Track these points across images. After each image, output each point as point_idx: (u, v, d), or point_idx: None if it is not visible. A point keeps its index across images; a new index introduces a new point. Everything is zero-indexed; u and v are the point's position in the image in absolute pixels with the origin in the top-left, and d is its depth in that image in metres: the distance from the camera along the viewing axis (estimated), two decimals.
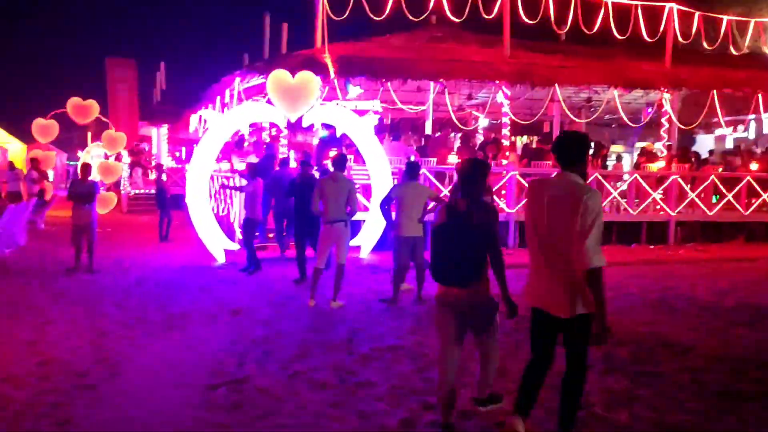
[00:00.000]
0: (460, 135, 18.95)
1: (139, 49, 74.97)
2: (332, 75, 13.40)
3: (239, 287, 9.49)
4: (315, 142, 14.74)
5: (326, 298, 8.45)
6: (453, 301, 4.20)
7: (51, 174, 39.67)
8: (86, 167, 11.02)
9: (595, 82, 15.18)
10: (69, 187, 11.17)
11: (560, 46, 18.49)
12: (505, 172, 14.35)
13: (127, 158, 25.05)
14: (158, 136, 29.30)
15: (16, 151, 24.08)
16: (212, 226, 11.66)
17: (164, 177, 16.57)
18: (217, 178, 15.19)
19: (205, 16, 78.82)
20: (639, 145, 22.38)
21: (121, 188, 23.65)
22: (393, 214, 8.62)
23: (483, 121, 19.40)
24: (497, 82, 14.66)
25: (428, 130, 18.82)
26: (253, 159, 14.50)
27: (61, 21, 78.40)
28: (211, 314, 7.74)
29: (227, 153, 16.79)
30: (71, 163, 39.96)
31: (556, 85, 14.97)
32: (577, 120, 16.16)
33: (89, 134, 26.64)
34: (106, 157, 22.27)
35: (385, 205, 8.70)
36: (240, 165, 14.68)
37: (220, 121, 11.65)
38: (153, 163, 22.15)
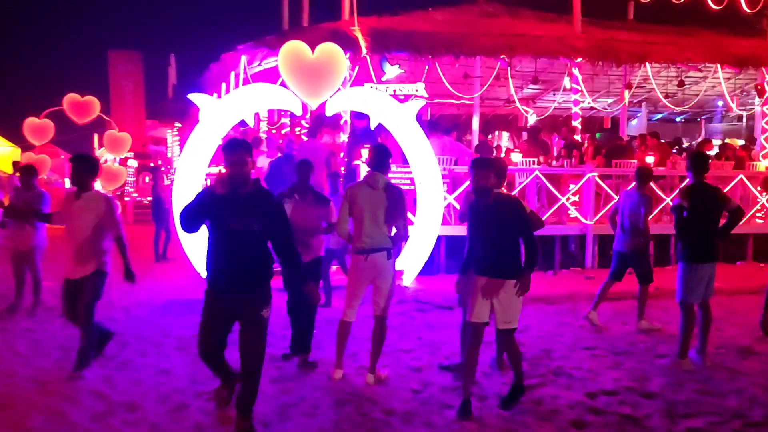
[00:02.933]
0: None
1: (146, 40, 67.38)
2: (364, 51, 10.53)
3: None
4: (343, 139, 11.79)
5: (359, 363, 5.62)
6: None
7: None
8: (28, 170, 7.97)
9: (696, 60, 12.03)
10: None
11: (631, 25, 15.61)
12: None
13: (133, 162, 22.64)
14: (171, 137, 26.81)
15: (6, 154, 21.68)
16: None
17: (167, 182, 13.85)
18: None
19: (220, 3, 74.22)
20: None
21: (125, 195, 21.15)
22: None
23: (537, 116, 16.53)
24: (578, 60, 11.62)
25: (475, 126, 15.96)
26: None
27: (58, 10, 73.11)
28: (176, 401, 4.84)
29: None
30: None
31: (647, 64, 11.90)
32: (670, 105, 13.02)
33: (95, 136, 24.25)
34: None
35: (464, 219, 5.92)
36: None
37: (214, 110, 8.74)
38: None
